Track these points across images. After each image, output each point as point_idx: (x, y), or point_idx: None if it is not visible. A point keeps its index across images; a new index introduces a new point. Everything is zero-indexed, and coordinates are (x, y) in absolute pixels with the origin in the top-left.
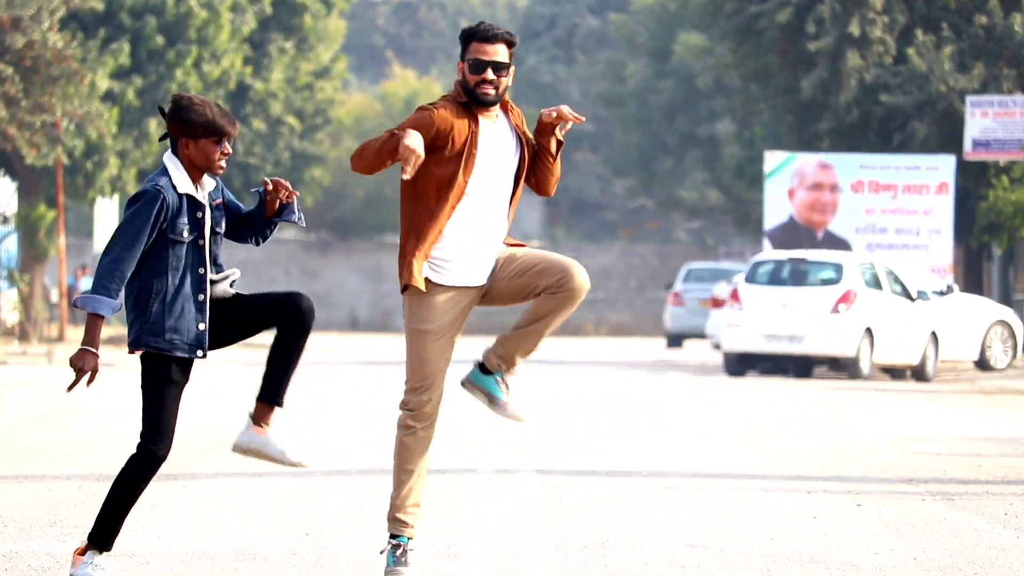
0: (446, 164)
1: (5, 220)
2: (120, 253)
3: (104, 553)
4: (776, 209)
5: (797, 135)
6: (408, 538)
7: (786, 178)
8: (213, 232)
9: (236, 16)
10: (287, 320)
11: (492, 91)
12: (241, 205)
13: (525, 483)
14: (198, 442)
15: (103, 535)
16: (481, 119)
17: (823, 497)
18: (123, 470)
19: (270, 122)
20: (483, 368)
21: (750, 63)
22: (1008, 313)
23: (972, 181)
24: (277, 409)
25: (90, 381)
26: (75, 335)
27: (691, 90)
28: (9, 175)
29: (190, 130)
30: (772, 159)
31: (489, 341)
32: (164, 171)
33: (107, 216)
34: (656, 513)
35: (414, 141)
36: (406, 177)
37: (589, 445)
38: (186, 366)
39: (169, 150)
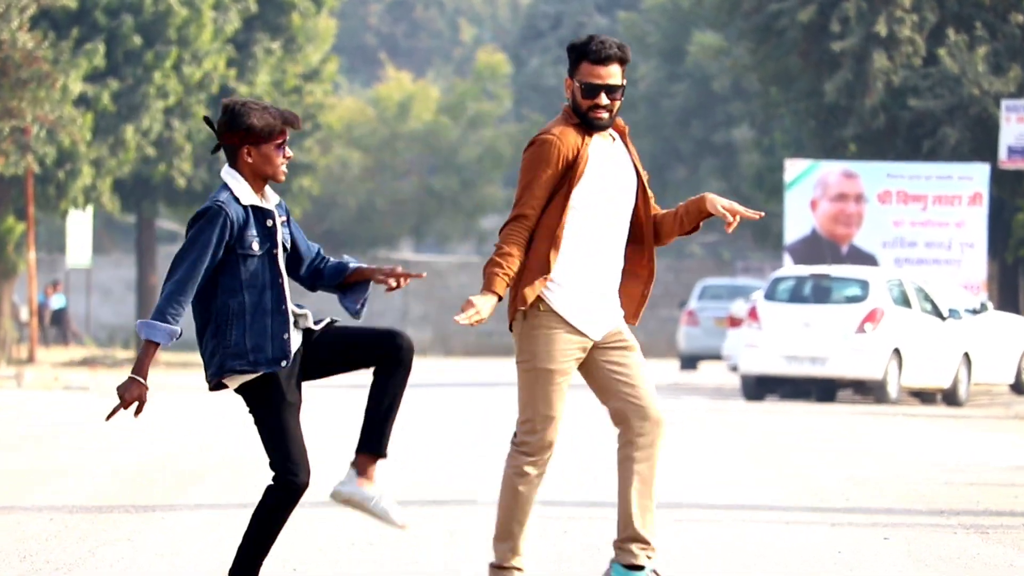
0: (561, 181)
1: None
2: (182, 275)
3: None
4: (797, 221)
5: (820, 142)
6: None
7: (808, 188)
8: (283, 247)
9: (219, 14)
10: (386, 358)
11: (606, 115)
12: (300, 236)
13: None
14: (179, 471)
15: (245, 573)
16: (596, 135)
17: (848, 530)
18: (263, 503)
19: None
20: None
21: (770, 65)
22: None
23: (1008, 191)
24: (381, 461)
25: (137, 412)
26: (46, 356)
27: (706, 94)
28: None
29: (252, 137)
30: (793, 168)
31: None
32: (224, 187)
33: (80, 229)
34: (668, 547)
35: (483, 309)
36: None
37: (597, 474)
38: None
39: (226, 165)
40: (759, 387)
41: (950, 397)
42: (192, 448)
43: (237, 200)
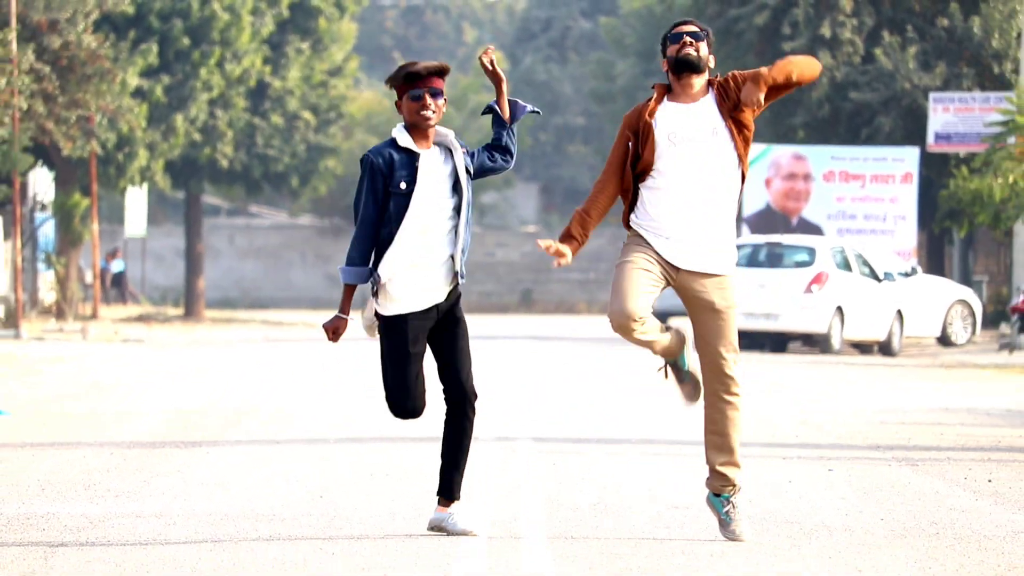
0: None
1: (43, 207)
2: (359, 221)
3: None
4: (754, 197)
5: (773, 129)
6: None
7: (763, 168)
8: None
9: (256, 19)
10: (455, 410)
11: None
12: (485, 155)
13: (523, 450)
14: (222, 414)
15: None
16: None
17: (797, 463)
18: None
19: (287, 117)
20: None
21: (730, 63)
22: (968, 293)
23: (935, 171)
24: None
25: (335, 338)
26: (107, 313)
27: None
28: (47, 166)
29: (396, 86)
30: (750, 151)
31: None
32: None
33: (137, 204)
34: (644, 478)
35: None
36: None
37: (583, 414)
38: (432, 313)
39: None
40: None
41: (885, 348)
42: (234, 395)
43: (395, 142)
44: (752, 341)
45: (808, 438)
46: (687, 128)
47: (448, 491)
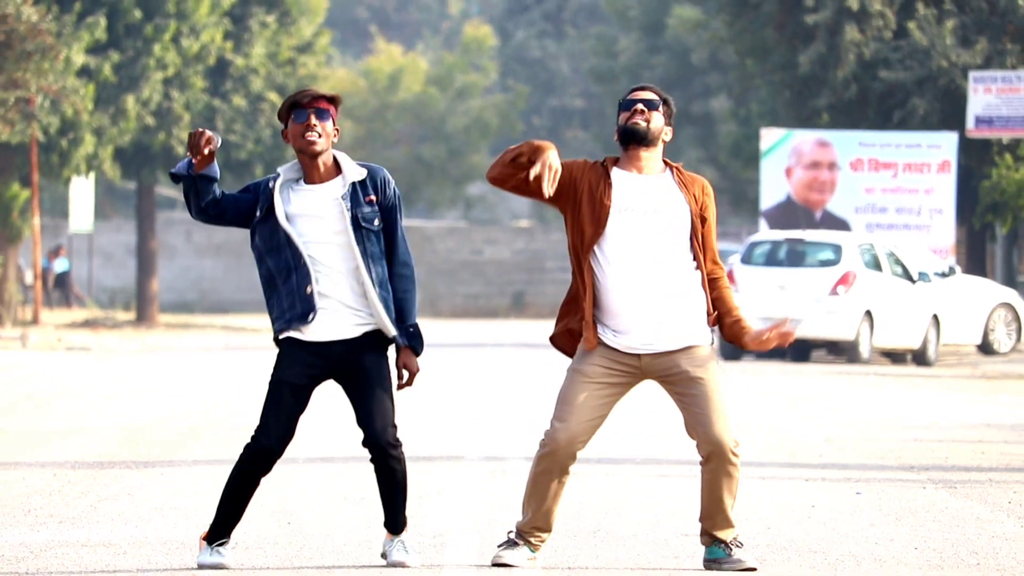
0: None
1: None
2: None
3: None
4: (773, 188)
5: (795, 112)
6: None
7: (783, 156)
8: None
9: None
10: (368, 445)
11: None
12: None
13: (513, 470)
14: (177, 430)
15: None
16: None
17: (821, 485)
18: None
19: (251, 99)
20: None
21: (746, 37)
22: (1012, 295)
23: (975, 159)
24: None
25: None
26: (50, 318)
27: (685, 66)
28: None
29: (281, 118)
30: (769, 137)
31: None
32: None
33: (83, 195)
34: (648, 502)
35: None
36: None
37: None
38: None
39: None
40: (736, 348)
41: (920, 357)
42: (190, 409)
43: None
44: (771, 350)
45: (833, 458)
46: (638, 199)
47: (393, 526)
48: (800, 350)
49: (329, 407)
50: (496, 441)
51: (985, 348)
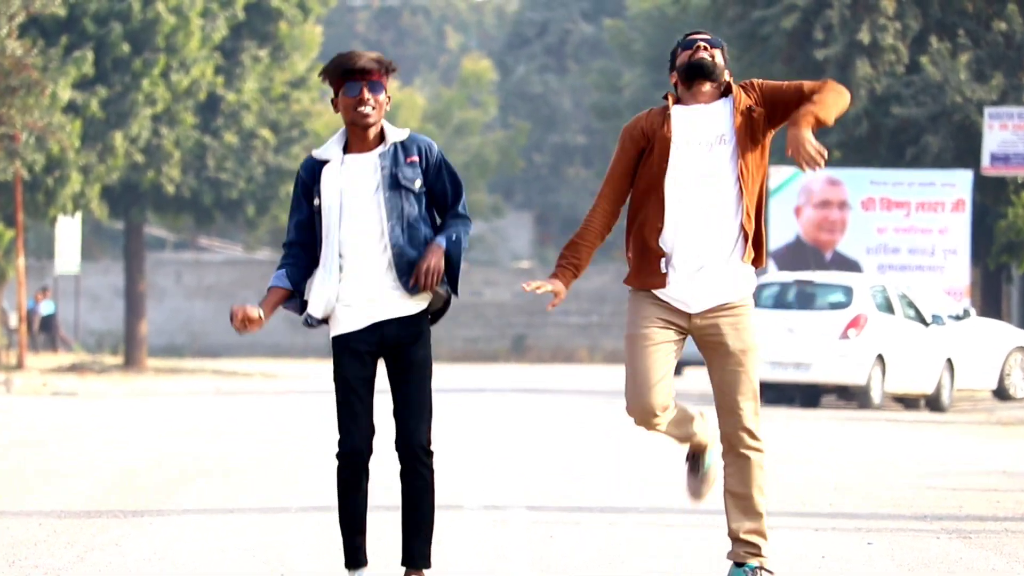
0: None
1: None
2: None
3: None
4: (782, 228)
5: None
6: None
7: (792, 195)
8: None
9: (207, 22)
10: (405, 462)
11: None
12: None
13: (514, 520)
14: (166, 477)
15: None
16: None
17: (832, 535)
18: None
19: (243, 135)
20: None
21: (754, 71)
22: None
23: (990, 198)
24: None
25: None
26: (35, 362)
27: None
28: None
29: (328, 81)
30: (777, 175)
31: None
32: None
33: (69, 236)
34: (653, 552)
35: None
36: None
37: (582, 479)
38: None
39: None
40: None
41: (933, 403)
42: (180, 456)
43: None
44: (780, 394)
45: (844, 506)
46: (696, 132)
47: (409, 559)
48: (809, 395)
49: (323, 452)
50: (497, 489)
51: (1001, 393)
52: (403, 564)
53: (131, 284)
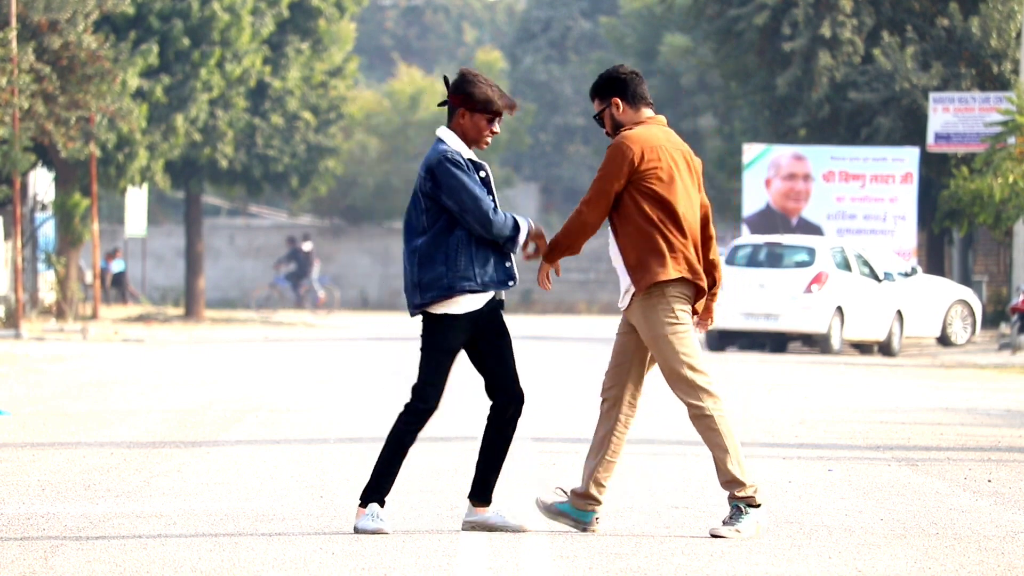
0: None
1: (43, 207)
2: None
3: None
4: (754, 197)
5: (773, 129)
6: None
7: (763, 169)
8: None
9: (256, 19)
10: (501, 408)
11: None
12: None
13: (522, 449)
14: (221, 413)
15: (376, 490)
16: None
17: (797, 463)
18: (394, 425)
19: (287, 117)
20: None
21: (730, 62)
22: (967, 293)
23: (934, 171)
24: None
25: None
26: (107, 313)
27: (676, 88)
28: (47, 166)
29: (470, 103)
30: (750, 151)
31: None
32: (440, 141)
33: (137, 204)
34: (644, 478)
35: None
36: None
37: (582, 414)
38: (481, 317)
39: (445, 124)
40: (721, 340)
41: (885, 348)
42: (233, 395)
43: (458, 153)
44: (752, 341)
45: (808, 438)
46: None
47: (486, 495)
48: (778, 342)
49: (358, 393)
50: None
51: (943, 340)
52: (477, 498)
53: (190, 246)
